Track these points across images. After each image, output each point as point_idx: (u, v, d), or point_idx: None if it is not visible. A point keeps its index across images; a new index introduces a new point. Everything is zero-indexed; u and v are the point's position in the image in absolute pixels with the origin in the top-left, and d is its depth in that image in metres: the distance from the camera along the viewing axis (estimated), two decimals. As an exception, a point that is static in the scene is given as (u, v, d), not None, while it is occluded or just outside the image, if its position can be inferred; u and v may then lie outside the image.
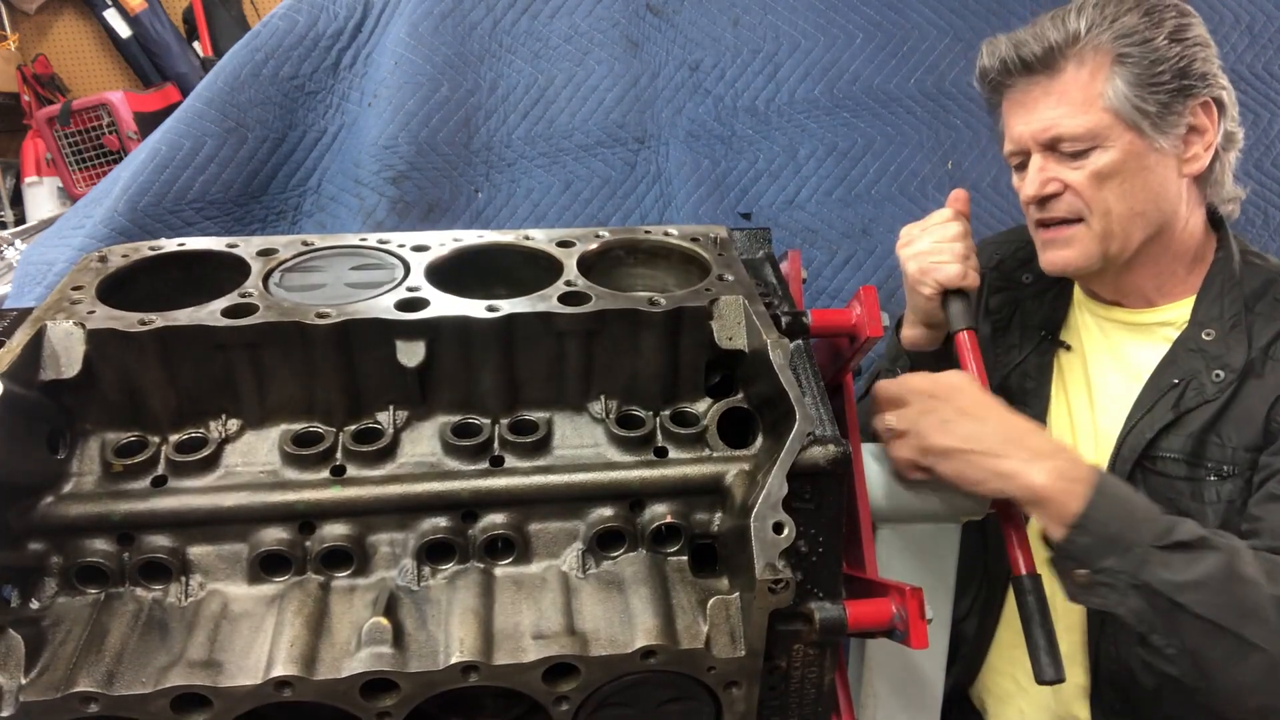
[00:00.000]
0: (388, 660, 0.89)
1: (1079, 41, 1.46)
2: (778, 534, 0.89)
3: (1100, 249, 1.50)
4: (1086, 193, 1.47)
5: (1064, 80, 1.47)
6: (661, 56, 2.03)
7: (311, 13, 1.96)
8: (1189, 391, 1.49)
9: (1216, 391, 1.46)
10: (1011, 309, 1.75)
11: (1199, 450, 1.46)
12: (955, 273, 1.53)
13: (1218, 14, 2.14)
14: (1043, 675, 1.24)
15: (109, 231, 1.82)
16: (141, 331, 0.97)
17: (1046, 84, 1.48)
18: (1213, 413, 1.46)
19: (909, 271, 1.58)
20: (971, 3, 2.08)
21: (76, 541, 0.96)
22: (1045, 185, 1.49)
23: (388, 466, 1.02)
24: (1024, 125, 1.51)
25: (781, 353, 0.98)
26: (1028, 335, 1.72)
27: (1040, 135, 1.48)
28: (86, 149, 4.44)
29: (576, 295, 1.04)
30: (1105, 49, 1.45)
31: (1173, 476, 1.48)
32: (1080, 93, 1.46)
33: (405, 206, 1.90)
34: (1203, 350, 1.50)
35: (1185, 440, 1.47)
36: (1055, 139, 1.47)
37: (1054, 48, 1.47)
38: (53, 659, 0.90)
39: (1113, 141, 1.45)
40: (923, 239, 1.59)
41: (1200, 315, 1.53)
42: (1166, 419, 1.48)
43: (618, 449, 1.05)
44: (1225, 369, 1.47)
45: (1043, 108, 1.48)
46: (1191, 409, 1.47)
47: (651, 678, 0.95)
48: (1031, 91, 1.50)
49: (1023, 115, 1.52)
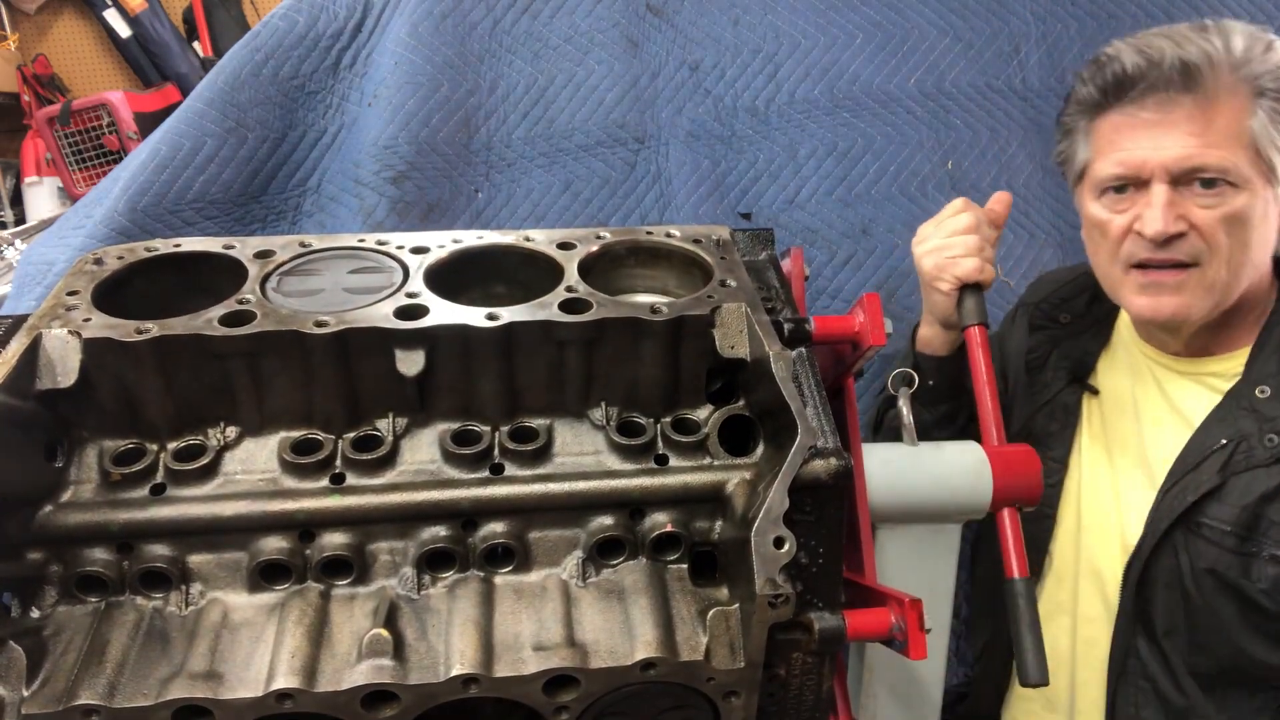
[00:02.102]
0: (388, 672, 0.89)
1: (1238, 64, 1.30)
2: (778, 549, 0.89)
3: (1210, 300, 1.36)
4: (1214, 236, 1.31)
5: (1216, 105, 1.29)
6: (661, 56, 2.03)
7: (311, 13, 1.96)
8: (1238, 454, 1.36)
9: (1269, 458, 1.33)
10: (1048, 348, 1.65)
11: (1252, 524, 1.33)
12: (971, 267, 1.47)
13: (1217, 14, 2.13)
14: (1028, 678, 1.23)
15: (109, 231, 1.81)
16: (138, 341, 0.96)
17: (1193, 105, 1.30)
18: (1268, 487, 1.32)
19: (925, 268, 1.53)
20: (971, 3, 2.07)
21: (76, 550, 0.96)
22: (1175, 222, 1.31)
23: (387, 475, 1.02)
24: (1153, 148, 1.32)
25: (784, 365, 0.98)
26: (1058, 376, 1.63)
27: (1176, 164, 1.30)
28: (86, 149, 4.43)
29: (577, 303, 1.04)
30: (1253, 81, 1.30)
31: (1222, 546, 1.35)
32: (1229, 123, 1.30)
33: (405, 206, 1.89)
34: (1256, 410, 1.37)
35: (1236, 512, 1.34)
36: (1195, 170, 1.30)
37: (1214, 62, 1.29)
38: (54, 670, 0.90)
39: (1247, 183, 1.31)
40: (936, 235, 1.53)
41: (1256, 370, 1.40)
42: (1212, 483, 1.36)
43: (618, 457, 1.04)
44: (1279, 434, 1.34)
45: (1183, 132, 1.30)
46: (1239, 473, 1.35)
47: (651, 688, 0.95)
48: (1173, 111, 1.31)
49: (1152, 136, 1.32)
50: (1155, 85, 1.31)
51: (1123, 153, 1.35)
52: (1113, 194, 1.39)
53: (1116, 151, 1.35)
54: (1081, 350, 1.60)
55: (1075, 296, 1.59)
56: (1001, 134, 2.06)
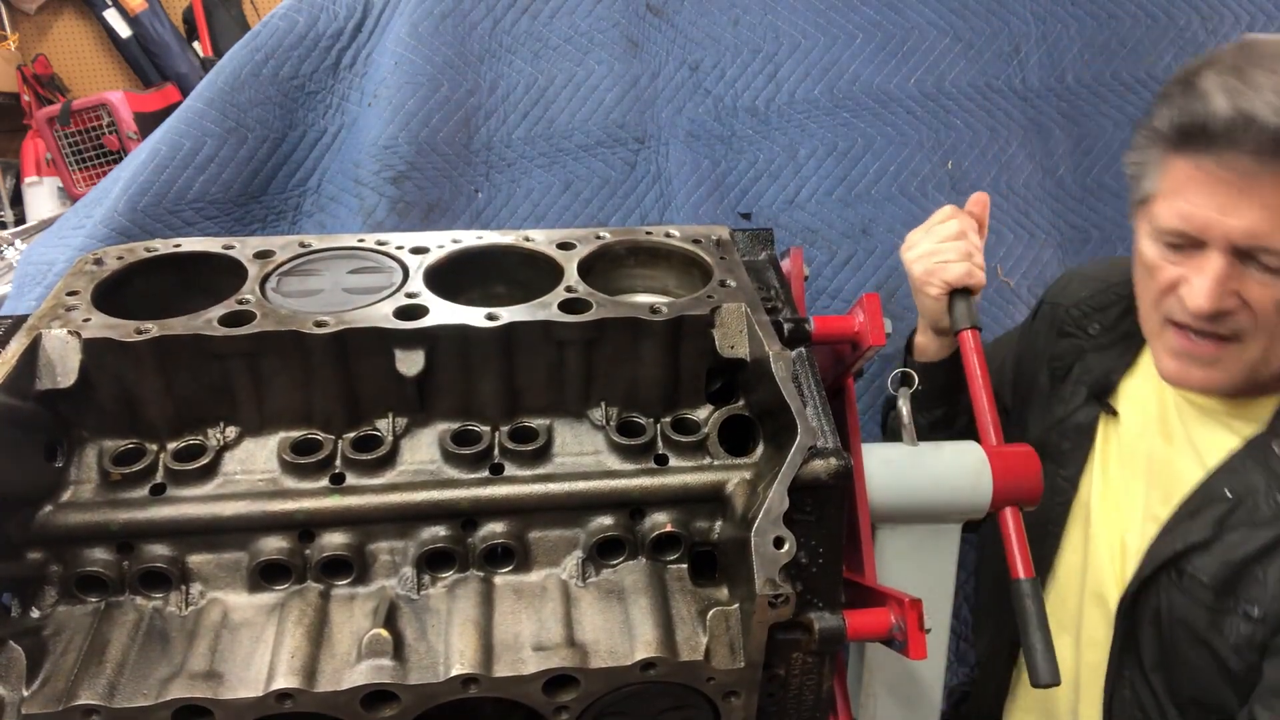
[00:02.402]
0: (388, 673, 0.89)
1: None
2: (778, 549, 0.89)
3: (1244, 376, 1.26)
4: (1266, 316, 1.19)
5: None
6: (661, 56, 2.03)
7: (311, 13, 1.96)
8: (1239, 511, 1.27)
9: (1271, 517, 1.24)
10: (1073, 359, 1.56)
11: (1233, 580, 1.26)
12: (960, 272, 1.46)
13: (1217, 14, 2.13)
14: (1039, 679, 1.23)
15: (109, 231, 1.81)
16: (138, 341, 0.96)
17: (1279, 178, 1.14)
18: (1261, 544, 1.24)
19: (914, 274, 1.52)
20: (971, 3, 2.07)
21: (76, 550, 0.96)
22: (1224, 301, 1.19)
23: (387, 475, 1.02)
24: (1220, 214, 1.17)
25: (784, 365, 0.98)
26: (1077, 391, 1.54)
27: (1243, 239, 1.16)
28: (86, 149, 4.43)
29: (577, 303, 1.04)
30: None
31: (1196, 599, 1.29)
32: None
33: (405, 206, 1.89)
34: (1269, 466, 1.27)
35: (1220, 566, 1.27)
36: (1261, 250, 1.16)
37: None
38: (54, 670, 0.90)
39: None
40: (925, 240, 1.52)
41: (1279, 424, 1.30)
42: (1203, 534, 1.29)
43: (618, 457, 1.04)
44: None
45: (1259, 204, 1.14)
46: (1234, 529, 1.27)
47: (651, 688, 0.95)
48: (1256, 177, 1.13)
49: (1224, 199, 1.16)
50: (1243, 146, 1.13)
51: (1188, 207, 1.20)
52: (1168, 245, 1.25)
53: (1182, 202, 1.21)
54: (1106, 367, 1.51)
55: (1108, 307, 1.50)
56: (1001, 134, 2.06)
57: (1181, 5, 2.13)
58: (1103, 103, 2.10)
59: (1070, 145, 2.09)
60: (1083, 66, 2.10)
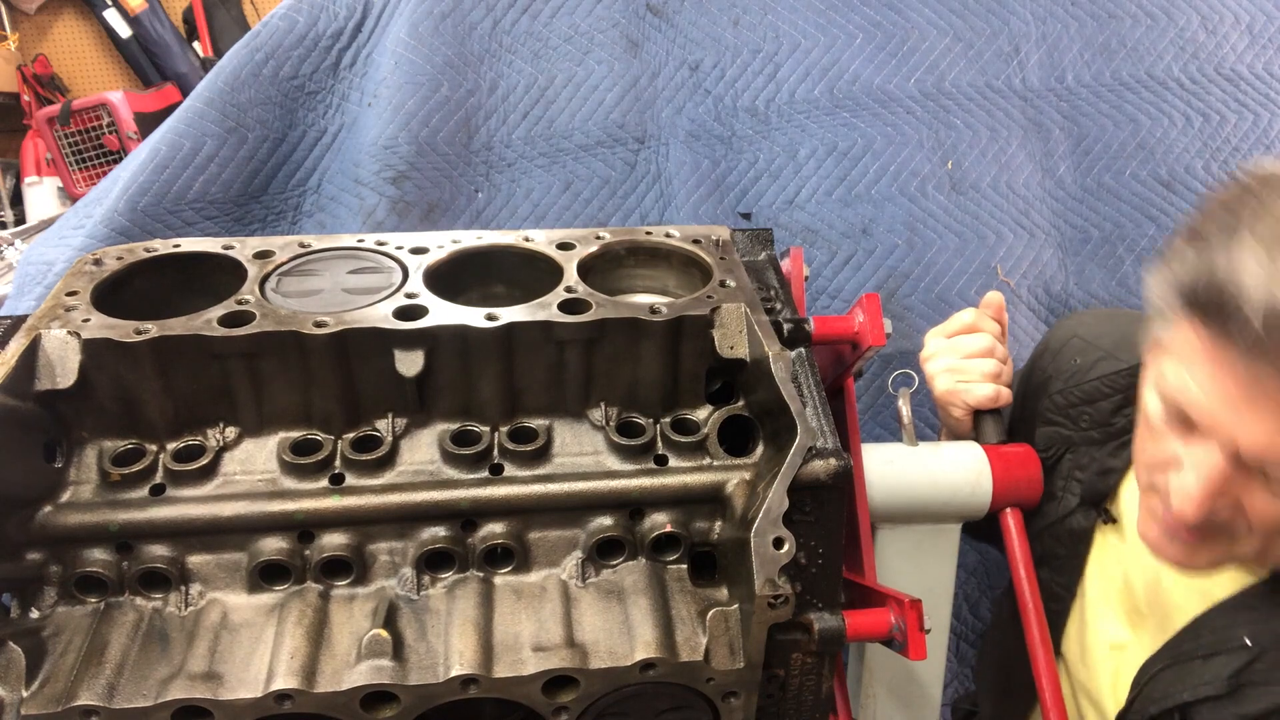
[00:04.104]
0: (388, 673, 0.89)
1: None
2: (778, 549, 0.89)
3: (1233, 565, 1.10)
4: (1265, 528, 1.01)
5: None
6: (661, 56, 2.03)
7: (311, 13, 1.96)
8: (1260, 663, 1.07)
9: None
10: (1061, 450, 1.38)
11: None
12: (987, 395, 1.36)
13: (1217, 14, 2.13)
14: None
15: (109, 231, 1.82)
16: (137, 341, 0.96)
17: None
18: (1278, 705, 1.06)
19: (937, 390, 1.41)
20: (971, 3, 2.07)
21: (75, 551, 0.96)
22: (1216, 511, 1.00)
23: (387, 475, 1.02)
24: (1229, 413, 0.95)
25: (783, 365, 0.98)
26: (1069, 489, 1.37)
27: (1249, 451, 0.95)
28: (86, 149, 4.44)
29: (577, 303, 1.04)
30: None
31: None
32: None
33: (405, 206, 1.90)
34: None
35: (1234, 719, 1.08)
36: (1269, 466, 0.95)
37: None
38: (53, 671, 0.90)
39: None
40: (948, 354, 1.40)
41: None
42: (1217, 689, 1.09)
43: (618, 457, 1.04)
44: None
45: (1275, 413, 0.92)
46: (1254, 686, 1.07)
47: (650, 689, 0.95)
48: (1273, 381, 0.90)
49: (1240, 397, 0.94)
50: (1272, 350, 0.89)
51: (1195, 391, 0.98)
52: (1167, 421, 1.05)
53: (1190, 379, 0.99)
54: (1102, 466, 1.32)
55: (1098, 400, 1.31)
56: (1001, 134, 2.06)
57: (1181, 5, 2.13)
58: (1103, 103, 2.10)
59: (1070, 145, 2.09)
60: (1083, 66, 2.10)
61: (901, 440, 1.36)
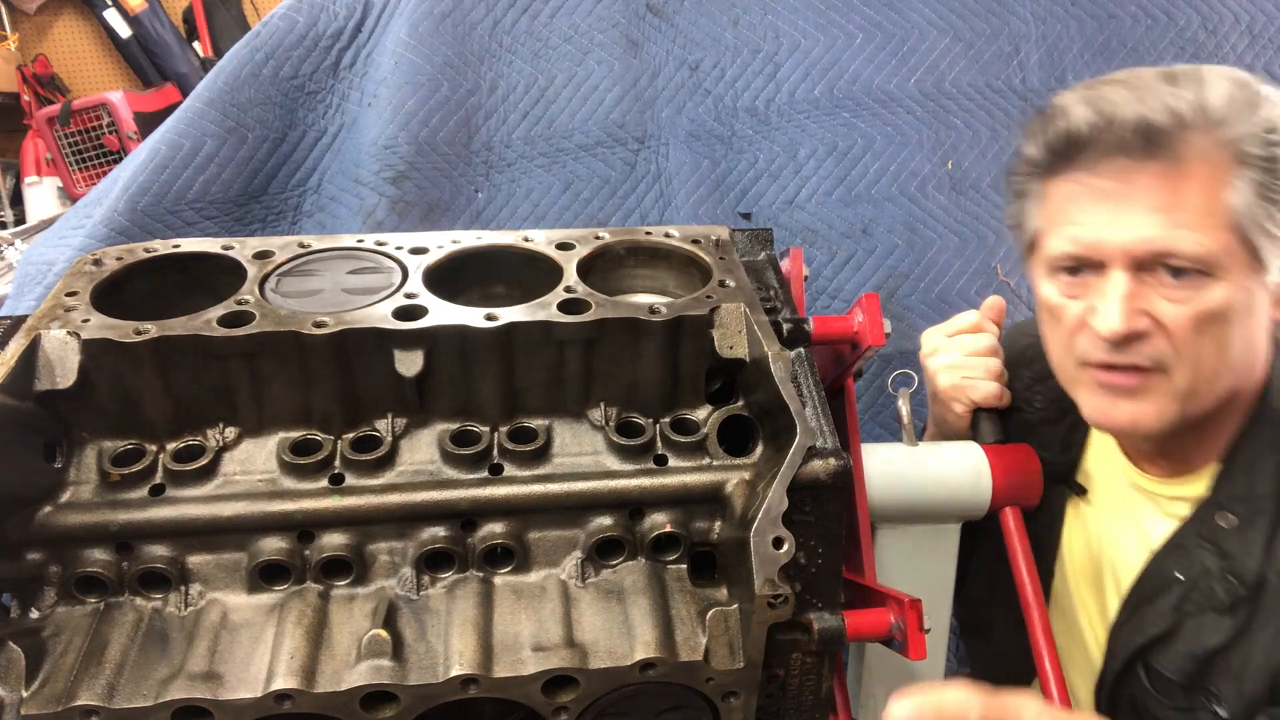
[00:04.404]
0: (387, 673, 0.89)
1: (1213, 124, 1.05)
2: (777, 549, 0.89)
3: (1175, 409, 1.13)
4: (1183, 338, 1.08)
5: (1186, 174, 1.05)
6: (661, 56, 2.03)
7: (311, 13, 1.96)
8: (1195, 594, 1.18)
9: (1228, 600, 1.15)
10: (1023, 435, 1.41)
11: (1200, 676, 1.17)
12: (992, 392, 1.36)
13: (1217, 14, 2.13)
14: None
15: (109, 231, 1.82)
16: (137, 341, 0.96)
17: (1158, 174, 1.05)
18: (1226, 631, 1.15)
19: (940, 386, 1.40)
20: (971, 3, 2.07)
21: (75, 551, 0.96)
22: (1136, 320, 1.09)
23: (386, 475, 1.02)
24: (1110, 226, 1.08)
25: (783, 365, 0.98)
26: None
27: (1139, 248, 1.07)
28: (86, 149, 4.44)
29: (576, 303, 1.04)
30: (1233, 145, 1.05)
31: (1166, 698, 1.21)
32: (1203, 197, 1.05)
33: (405, 206, 1.90)
34: (1217, 543, 1.17)
35: (1185, 660, 1.18)
36: (1161, 256, 1.07)
37: (1182, 122, 1.05)
38: (53, 671, 0.90)
39: (1227, 272, 1.06)
40: (952, 351, 1.40)
41: (1222, 491, 1.19)
42: (1163, 625, 1.20)
43: (617, 457, 1.04)
44: (1239, 578, 1.14)
45: (1146, 207, 1.06)
46: (1192, 615, 1.18)
47: (650, 688, 0.95)
48: (1134, 179, 1.06)
49: (1110, 211, 1.09)
50: (1111, 148, 1.07)
51: (1076, 228, 1.12)
52: (1066, 275, 1.16)
53: (1069, 226, 1.13)
54: (1064, 441, 1.40)
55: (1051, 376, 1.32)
56: (1001, 134, 2.06)
57: (1181, 5, 2.13)
58: (1103, 102, 2.10)
59: (1070, 145, 2.09)
60: (1083, 66, 2.10)
61: (901, 440, 1.36)
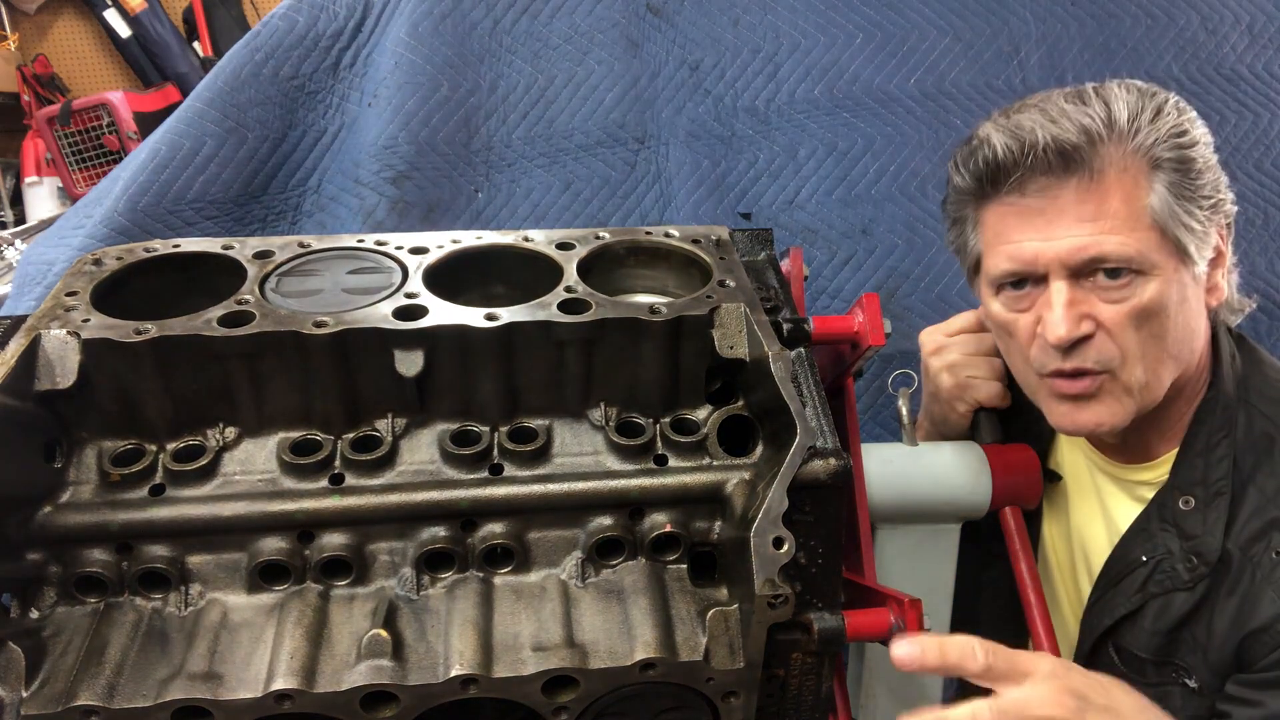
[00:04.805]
0: (387, 673, 0.89)
1: (1124, 136, 1.15)
2: (777, 549, 0.89)
3: (1131, 404, 1.22)
4: (1122, 335, 1.18)
5: (1105, 184, 1.15)
6: (661, 56, 2.03)
7: (311, 13, 1.96)
8: (1158, 574, 1.25)
9: (1191, 579, 1.22)
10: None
11: (1168, 650, 1.24)
12: (995, 391, 1.39)
13: (1217, 14, 2.13)
14: None
15: (109, 231, 1.82)
16: (137, 341, 0.96)
17: (1079, 188, 1.15)
18: (1190, 605, 1.22)
19: (943, 385, 1.43)
20: (971, 3, 2.07)
21: (75, 551, 0.96)
22: (1080, 324, 1.17)
23: (386, 475, 1.02)
24: (1043, 240, 1.17)
25: (783, 365, 0.98)
26: None
27: (1073, 256, 1.16)
28: (86, 149, 4.44)
29: (576, 303, 1.04)
30: (1145, 152, 1.16)
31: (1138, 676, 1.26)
32: (1124, 203, 1.15)
33: (405, 206, 1.90)
34: (1179, 525, 1.24)
35: (1151, 637, 1.25)
36: (1094, 261, 1.16)
37: (1094, 138, 1.15)
38: (53, 671, 0.90)
39: (1157, 268, 1.16)
40: (953, 350, 1.43)
41: (1181, 475, 1.26)
42: (1130, 605, 1.27)
43: (617, 457, 1.04)
44: (1200, 556, 1.22)
45: (1073, 219, 1.16)
46: (1157, 595, 1.25)
47: (650, 689, 0.95)
48: (1059, 196, 1.16)
49: (1041, 227, 1.18)
50: (1033, 170, 1.16)
51: (1012, 245, 1.20)
52: (1010, 290, 1.25)
53: (1005, 244, 1.21)
54: (1036, 430, 1.43)
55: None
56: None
57: (1181, 5, 2.13)
58: (1103, 103, 2.10)
59: (1070, 145, 2.09)
60: (1083, 66, 2.10)
61: (901, 440, 1.36)
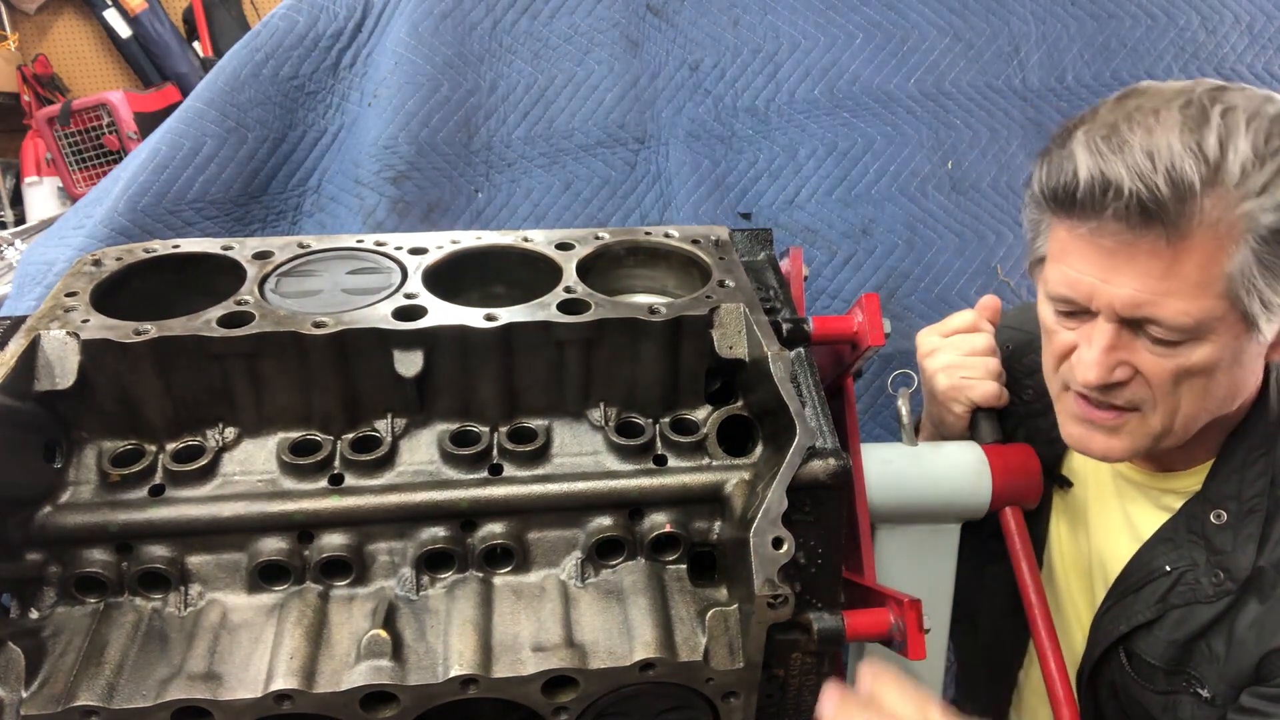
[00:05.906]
0: (387, 673, 0.89)
1: (1228, 192, 1.02)
2: (777, 549, 0.89)
3: (1151, 445, 1.18)
4: (1162, 387, 1.12)
5: (1188, 244, 1.03)
6: (661, 56, 2.03)
7: (311, 13, 1.96)
8: (1180, 586, 1.22)
9: (1215, 594, 1.19)
10: (1012, 426, 1.44)
11: (1182, 659, 1.22)
12: (991, 391, 1.37)
13: (1218, 14, 2.13)
14: None
15: (109, 231, 1.82)
16: (136, 342, 0.96)
17: (1158, 240, 1.04)
18: (1208, 618, 1.19)
19: (939, 386, 1.40)
20: (971, 3, 2.07)
21: (75, 551, 0.96)
22: (1114, 372, 1.12)
23: (386, 475, 1.02)
24: (1104, 282, 1.09)
25: (782, 365, 0.98)
26: None
27: (1126, 308, 1.08)
28: (86, 149, 4.44)
29: (576, 304, 1.04)
30: (1244, 214, 1.03)
31: (1147, 681, 1.26)
32: (1199, 267, 1.04)
33: (405, 206, 1.89)
34: (1207, 538, 1.20)
35: (1166, 646, 1.23)
36: (1148, 320, 1.08)
37: (1187, 193, 1.01)
38: (53, 671, 0.90)
39: (1217, 335, 1.08)
40: (949, 351, 1.41)
41: (1214, 489, 1.22)
42: (1147, 614, 1.24)
43: (617, 457, 1.04)
44: (1228, 572, 1.18)
45: (1140, 271, 1.06)
46: (1178, 606, 1.22)
47: (650, 689, 0.95)
48: (1135, 244, 1.05)
49: (1105, 268, 1.08)
50: (1110, 214, 1.05)
51: (1073, 274, 1.12)
52: (1060, 315, 1.19)
53: (1067, 268, 1.13)
54: (1049, 434, 1.37)
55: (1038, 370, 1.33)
56: (1001, 134, 2.06)
57: (1181, 5, 2.13)
58: (1103, 103, 2.10)
59: (1070, 145, 2.09)
60: (1083, 66, 2.10)
61: (901, 440, 1.36)
